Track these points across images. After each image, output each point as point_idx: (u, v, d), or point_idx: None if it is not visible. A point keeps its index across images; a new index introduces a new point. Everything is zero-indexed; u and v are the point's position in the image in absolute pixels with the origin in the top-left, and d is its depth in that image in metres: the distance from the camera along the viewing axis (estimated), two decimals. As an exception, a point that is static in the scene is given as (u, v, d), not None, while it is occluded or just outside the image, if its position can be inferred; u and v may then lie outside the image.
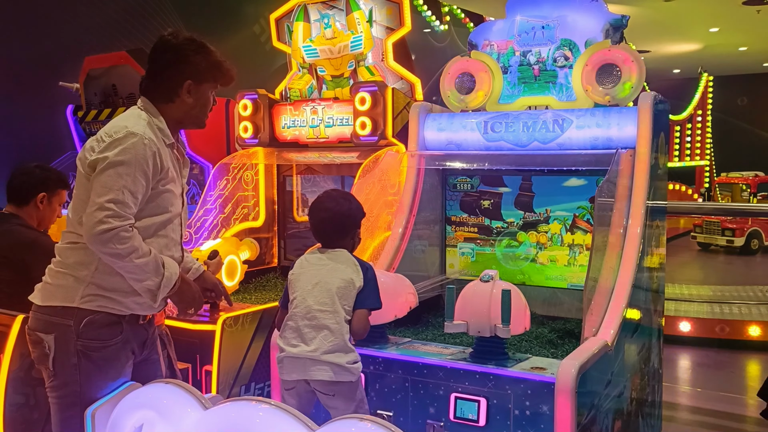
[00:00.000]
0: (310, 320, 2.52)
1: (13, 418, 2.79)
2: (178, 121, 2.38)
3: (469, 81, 3.84)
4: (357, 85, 4.35)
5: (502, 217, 3.86)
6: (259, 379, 3.76)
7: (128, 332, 2.31)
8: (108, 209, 2.10)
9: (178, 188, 2.38)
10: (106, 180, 2.14)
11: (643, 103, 3.35)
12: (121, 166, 2.15)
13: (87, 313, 2.23)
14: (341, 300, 2.54)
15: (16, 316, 2.85)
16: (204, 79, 2.34)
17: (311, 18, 4.61)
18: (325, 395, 2.53)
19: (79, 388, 2.24)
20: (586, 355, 2.59)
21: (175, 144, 2.39)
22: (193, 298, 2.41)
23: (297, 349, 2.51)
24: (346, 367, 2.50)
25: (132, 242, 2.14)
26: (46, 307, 2.27)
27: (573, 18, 3.66)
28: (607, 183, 3.15)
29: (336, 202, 2.67)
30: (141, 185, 2.19)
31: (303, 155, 4.67)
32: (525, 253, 3.80)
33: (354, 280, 2.58)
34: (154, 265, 2.21)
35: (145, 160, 2.19)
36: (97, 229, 2.09)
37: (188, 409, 2.10)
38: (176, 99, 2.33)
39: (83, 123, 5.51)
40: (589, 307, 2.83)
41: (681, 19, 12.94)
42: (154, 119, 2.30)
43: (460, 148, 3.80)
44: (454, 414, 2.71)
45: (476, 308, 2.74)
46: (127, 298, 2.27)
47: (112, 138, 2.20)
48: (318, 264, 2.62)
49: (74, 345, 2.22)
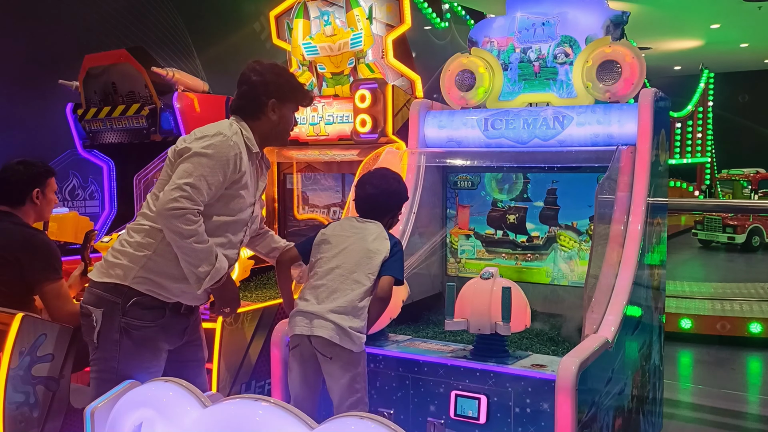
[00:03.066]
0: (329, 281, 2.59)
1: (13, 416, 2.79)
2: (264, 137, 2.64)
3: (469, 78, 3.83)
4: (357, 82, 4.35)
5: (527, 231, 3.83)
6: (260, 377, 3.75)
7: (169, 319, 2.49)
8: (184, 191, 2.32)
9: (250, 197, 2.59)
10: (188, 166, 2.37)
11: (643, 100, 3.34)
12: (205, 158, 2.38)
13: (135, 294, 2.42)
14: (364, 267, 2.60)
15: (16, 314, 2.84)
16: (286, 99, 2.63)
17: (311, 15, 4.60)
18: (323, 356, 2.55)
19: (117, 364, 2.42)
20: (586, 353, 2.58)
21: (259, 154, 2.64)
22: (233, 298, 2.58)
23: (308, 305, 2.58)
24: (348, 331, 2.51)
25: (196, 227, 2.34)
26: (100, 283, 2.45)
27: (573, 14, 3.65)
28: (608, 180, 3.14)
29: (385, 180, 2.78)
30: (218, 179, 2.40)
31: (303, 153, 4.66)
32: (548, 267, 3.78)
33: (380, 249, 2.63)
34: (209, 254, 2.39)
35: (226, 158, 2.42)
36: (169, 205, 2.31)
37: (188, 408, 2.09)
38: (262, 117, 2.60)
39: (83, 121, 5.50)
40: (590, 304, 2.82)
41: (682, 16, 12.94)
42: (244, 131, 2.56)
43: (461, 145, 3.79)
44: (454, 411, 2.71)
45: (477, 306, 2.74)
46: (175, 284, 2.45)
47: (203, 133, 2.46)
48: (350, 230, 2.70)
49: (119, 321, 2.41)
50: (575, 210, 3.70)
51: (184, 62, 7.69)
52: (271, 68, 2.63)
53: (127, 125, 5.26)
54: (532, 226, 3.81)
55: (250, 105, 2.59)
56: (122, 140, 5.37)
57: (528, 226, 3.82)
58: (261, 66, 2.62)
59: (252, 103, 2.59)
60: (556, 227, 3.74)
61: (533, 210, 3.81)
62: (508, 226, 3.88)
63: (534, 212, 3.81)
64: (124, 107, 5.18)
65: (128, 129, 5.27)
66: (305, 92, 2.72)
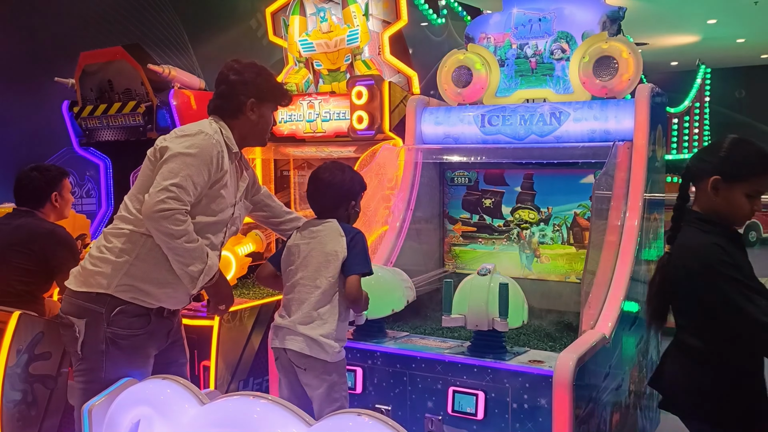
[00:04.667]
0: (296, 294, 2.57)
1: (11, 414, 2.79)
2: (243, 137, 2.60)
3: (466, 74, 3.83)
4: (354, 79, 4.34)
5: (503, 216, 3.85)
6: (257, 374, 3.75)
7: (155, 324, 2.45)
8: (171, 191, 2.28)
9: (231, 197, 2.55)
10: (173, 166, 2.32)
11: (640, 96, 3.35)
12: (189, 157, 2.34)
13: (119, 303, 2.36)
14: (324, 272, 2.55)
15: (13, 312, 2.85)
16: (265, 99, 2.60)
17: (307, 12, 4.59)
18: (298, 368, 2.55)
19: (104, 374, 2.36)
20: (584, 348, 2.59)
21: (239, 154, 2.60)
22: (228, 295, 2.57)
23: (282, 321, 2.58)
24: (318, 341, 2.48)
25: (185, 226, 2.31)
26: (80, 292, 2.39)
27: (570, 10, 3.65)
28: (605, 176, 3.15)
29: (330, 173, 2.69)
30: (203, 178, 2.37)
31: (300, 150, 4.66)
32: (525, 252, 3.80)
33: (337, 251, 2.56)
34: (201, 253, 2.36)
35: (210, 156, 2.39)
36: (157, 207, 2.26)
37: (185, 405, 2.09)
38: (241, 116, 2.56)
39: (79, 119, 5.48)
40: (587, 300, 2.83)
41: (678, 11, 12.93)
42: (224, 130, 2.53)
43: (458, 141, 3.79)
44: (452, 408, 2.71)
45: (474, 302, 2.74)
46: (159, 289, 2.40)
47: (184, 132, 2.43)
48: (308, 237, 2.64)
49: (104, 332, 2.35)
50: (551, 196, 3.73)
51: (181, 59, 7.67)
52: (250, 67, 2.58)
53: (124, 123, 5.24)
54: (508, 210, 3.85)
55: (229, 104, 2.56)
56: (119, 138, 5.35)
57: (504, 210, 3.85)
58: (240, 65, 2.58)
59: (231, 102, 2.55)
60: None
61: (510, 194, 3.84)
62: (485, 210, 3.90)
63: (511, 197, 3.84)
64: (120, 105, 5.16)
65: (125, 126, 5.25)
66: (284, 92, 2.69)
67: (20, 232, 3.30)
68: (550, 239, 3.73)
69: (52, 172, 3.49)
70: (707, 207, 2.17)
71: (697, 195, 2.21)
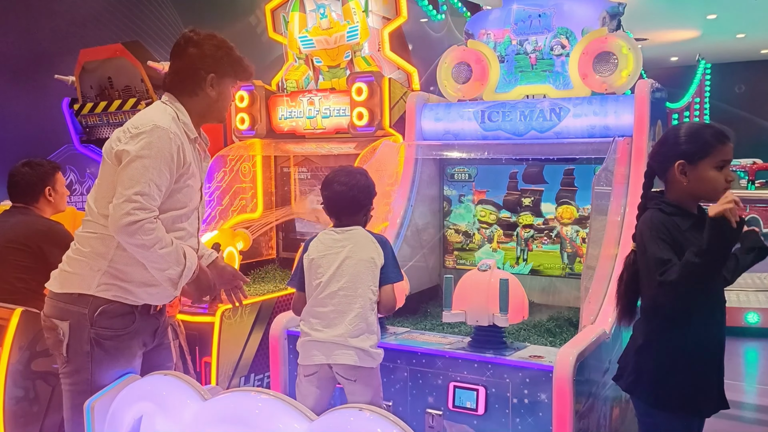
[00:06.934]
0: (335, 305, 2.51)
1: (13, 411, 2.80)
2: (201, 116, 2.44)
3: (465, 70, 3.83)
4: (354, 75, 4.34)
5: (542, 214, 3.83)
6: (259, 370, 3.76)
7: (140, 322, 2.36)
8: (135, 201, 2.15)
9: (197, 183, 2.43)
10: (132, 173, 2.18)
11: (640, 91, 3.35)
12: (148, 159, 2.20)
13: (102, 302, 2.28)
14: (366, 282, 2.52)
15: (15, 309, 2.85)
16: (225, 74, 2.42)
17: (307, 8, 4.59)
18: (346, 380, 2.53)
19: (90, 375, 2.29)
20: (584, 343, 2.59)
21: (198, 138, 2.44)
22: (209, 286, 2.46)
23: (322, 334, 2.50)
24: (369, 351, 2.50)
25: (156, 233, 2.19)
26: (62, 294, 2.31)
27: (569, 6, 3.65)
28: (605, 171, 3.15)
29: (352, 176, 2.64)
30: (165, 178, 2.24)
31: (300, 146, 4.66)
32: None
33: (375, 258, 2.55)
34: (176, 255, 2.26)
35: (170, 154, 2.24)
36: (124, 220, 2.14)
37: (187, 401, 2.10)
38: (200, 92, 2.40)
39: (79, 116, 5.48)
40: (587, 295, 2.83)
41: (678, 6, 12.91)
42: (179, 114, 2.36)
43: (458, 137, 3.79)
44: (453, 403, 2.72)
45: (474, 297, 2.75)
46: (141, 288, 2.32)
47: (138, 130, 2.25)
48: (337, 246, 2.57)
49: (88, 333, 2.27)
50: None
51: (180, 56, 7.66)
52: (210, 39, 2.39)
53: (124, 120, 5.23)
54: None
55: (187, 81, 2.38)
56: (119, 135, 5.35)
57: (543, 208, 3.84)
58: (198, 36, 2.38)
59: (189, 78, 2.37)
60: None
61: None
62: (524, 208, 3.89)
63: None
64: (120, 102, 5.16)
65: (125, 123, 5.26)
66: (245, 66, 2.48)
67: (17, 229, 3.31)
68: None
69: (44, 167, 3.47)
70: (682, 195, 2.21)
71: (668, 188, 2.25)
